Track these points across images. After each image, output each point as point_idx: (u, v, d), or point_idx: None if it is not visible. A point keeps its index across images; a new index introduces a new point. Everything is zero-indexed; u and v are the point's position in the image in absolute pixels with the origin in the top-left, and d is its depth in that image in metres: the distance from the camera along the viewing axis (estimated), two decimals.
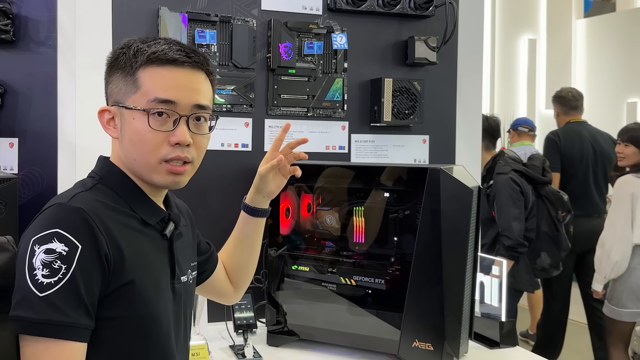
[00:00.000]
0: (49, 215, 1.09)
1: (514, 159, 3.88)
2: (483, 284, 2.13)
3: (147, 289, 1.15)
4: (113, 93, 1.20)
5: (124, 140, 1.19)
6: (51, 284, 1.03)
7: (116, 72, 1.19)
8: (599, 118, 8.06)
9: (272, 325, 2.10)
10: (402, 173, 2.00)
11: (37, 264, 1.04)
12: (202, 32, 2.24)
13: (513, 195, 3.60)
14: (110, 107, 1.21)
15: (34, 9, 2.15)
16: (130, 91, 1.17)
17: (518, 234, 3.55)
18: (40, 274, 1.03)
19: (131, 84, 1.17)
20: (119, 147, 1.21)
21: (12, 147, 2.15)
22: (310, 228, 2.20)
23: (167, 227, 1.24)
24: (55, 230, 1.05)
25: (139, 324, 1.14)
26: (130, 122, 1.17)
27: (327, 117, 2.44)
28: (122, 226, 1.15)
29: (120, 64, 1.18)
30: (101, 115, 1.21)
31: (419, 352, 1.85)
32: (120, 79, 1.18)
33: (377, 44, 2.49)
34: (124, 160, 1.21)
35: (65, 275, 1.04)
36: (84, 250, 1.06)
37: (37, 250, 1.05)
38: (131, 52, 1.17)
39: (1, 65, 2.13)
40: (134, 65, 1.16)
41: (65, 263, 1.04)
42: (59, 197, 1.15)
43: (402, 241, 2.03)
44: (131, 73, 1.17)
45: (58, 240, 1.05)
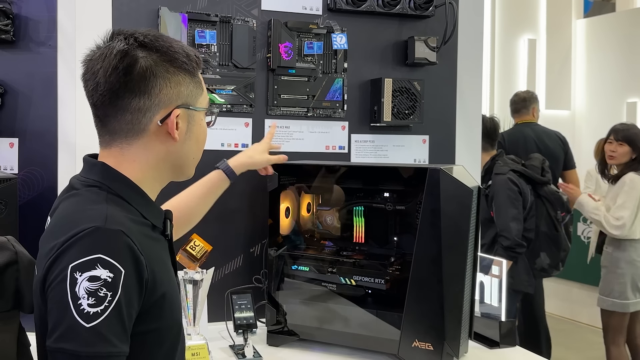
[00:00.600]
0: (87, 240, 1.03)
1: (513, 159, 3.88)
2: (483, 284, 2.13)
3: (173, 297, 1.15)
4: (182, 95, 1.19)
5: (189, 141, 1.23)
6: (98, 313, 0.99)
7: (181, 72, 1.19)
8: (599, 118, 8.07)
9: (272, 325, 2.10)
10: (402, 173, 2.00)
11: (81, 293, 0.99)
12: (202, 32, 2.24)
13: (511, 196, 3.60)
14: (179, 109, 1.19)
15: (34, 9, 2.15)
16: (198, 93, 1.23)
17: (516, 234, 3.55)
18: (86, 304, 0.99)
19: (197, 86, 1.22)
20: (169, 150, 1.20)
21: (12, 147, 2.15)
22: (310, 228, 2.20)
23: (167, 227, 1.24)
24: (97, 256, 1.01)
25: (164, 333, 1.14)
26: (199, 122, 1.24)
27: (327, 117, 2.44)
28: (146, 238, 1.13)
29: (186, 65, 1.19)
30: (172, 118, 1.18)
31: (419, 352, 1.85)
32: (189, 80, 1.20)
33: (377, 44, 2.49)
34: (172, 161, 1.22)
35: (112, 302, 1.00)
36: (127, 274, 1.03)
37: (79, 278, 1.00)
38: (182, 54, 1.18)
39: (1, 65, 2.13)
40: (195, 68, 1.21)
41: (111, 290, 1.01)
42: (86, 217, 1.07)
43: (402, 241, 2.03)
44: (195, 75, 1.22)
45: (102, 267, 1.01)
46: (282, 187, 2.14)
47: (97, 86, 1.15)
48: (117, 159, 1.19)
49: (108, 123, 1.19)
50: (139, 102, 1.15)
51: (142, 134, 1.18)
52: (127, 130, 1.18)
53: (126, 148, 1.19)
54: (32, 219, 2.10)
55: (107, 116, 1.18)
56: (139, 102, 1.15)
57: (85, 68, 1.19)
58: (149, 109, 1.16)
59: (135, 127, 1.17)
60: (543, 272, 3.79)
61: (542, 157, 3.91)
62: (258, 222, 2.31)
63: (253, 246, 2.34)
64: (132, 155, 1.19)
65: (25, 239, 1.83)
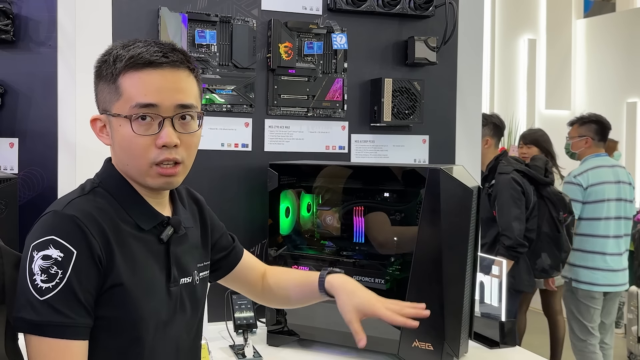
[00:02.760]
0: (45, 222, 1.14)
1: (516, 159, 3.88)
2: (483, 283, 2.13)
3: (136, 292, 1.17)
4: (101, 102, 1.22)
5: (115, 146, 1.21)
6: (49, 288, 1.08)
7: (100, 80, 1.21)
8: None
9: (272, 325, 2.10)
10: (402, 173, 2.00)
11: (35, 270, 1.09)
12: (202, 32, 2.24)
13: (514, 195, 3.60)
14: (100, 115, 1.23)
15: (34, 9, 2.15)
16: (114, 99, 1.18)
17: (518, 234, 3.55)
18: (39, 279, 1.09)
19: (114, 91, 1.18)
20: (113, 154, 1.25)
21: (12, 147, 2.15)
22: (310, 228, 2.20)
23: (164, 231, 1.24)
24: (51, 237, 1.11)
25: (126, 324, 1.17)
26: (117, 129, 1.18)
27: (327, 117, 2.44)
28: (117, 231, 1.17)
29: (103, 72, 1.20)
30: (94, 124, 1.23)
31: (419, 352, 1.85)
32: (104, 87, 1.20)
33: (377, 44, 2.49)
34: (119, 165, 1.23)
35: (62, 279, 1.09)
36: (79, 255, 1.10)
37: (36, 256, 1.10)
38: (111, 60, 1.18)
39: (1, 65, 2.13)
40: (114, 72, 1.17)
41: (61, 269, 1.09)
42: (56, 203, 1.19)
43: (402, 241, 2.03)
44: (113, 80, 1.17)
45: (54, 247, 1.10)
46: (282, 187, 2.13)
47: None
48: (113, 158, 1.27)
49: None
50: None
51: None
52: None
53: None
54: (32, 219, 2.09)
55: None
56: None
57: None
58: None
59: None
60: (544, 273, 3.79)
61: (545, 158, 3.91)
62: (258, 222, 2.31)
63: (253, 246, 2.34)
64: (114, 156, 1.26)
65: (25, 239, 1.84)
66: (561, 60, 8.16)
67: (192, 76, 1.21)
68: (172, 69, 1.17)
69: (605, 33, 8.07)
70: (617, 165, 3.98)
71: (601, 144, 3.92)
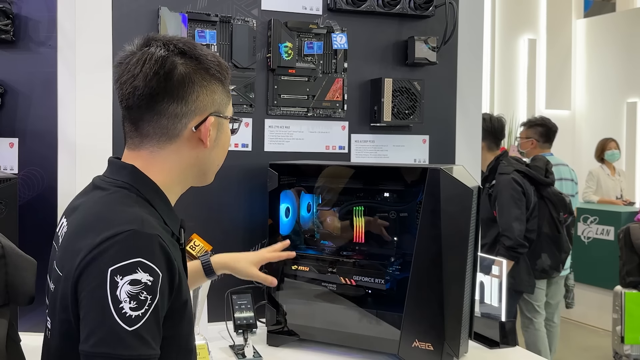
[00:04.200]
0: (126, 243, 1.03)
1: (517, 160, 3.88)
2: (483, 284, 2.13)
3: (190, 305, 1.17)
4: (216, 102, 1.22)
5: (217, 148, 1.25)
6: (139, 316, 1.00)
7: (213, 80, 1.22)
8: (599, 118, 8.08)
9: (272, 325, 2.10)
10: (402, 173, 2.00)
11: (122, 297, 0.99)
12: (202, 32, 2.24)
13: (514, 196, 3.60)
14: (211, 116, 1.21)
15: (34, 9, 2.15)
16: (227, 102, 1.26)
17: (518, 234, 3.55)
18: (128, 307, 0.99)
19: (226, 95, 1.26)
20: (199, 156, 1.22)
21: (12, 147, 2.15)
22: (310, 228, 2.20)
23: (182, 235, 1.24)
24: (138, 259, 1.02)
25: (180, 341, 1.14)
26: (226, 131, 1.27)
27: (327, 117, 2.44)
28: (171, 244, 1.12)
29: (216, 74, 1.22)
30: (206, 125, 1.20)
31: (419, 352, 1.85)
32: (219, 89, 1.23)
33: (377, 44, 2.49)
34: (200, 167, 1.24)
35: (151, 306, 1.01)
36: (163, 278, 1.04)
37: (120, 281, 1.00)
38: (220, 65, 1.22)
39: (1, 65, 2.13)
40: (226, 78, 1.24)
41: (151, 294, 1.02)
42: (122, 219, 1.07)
43: (402, 241, 2.03)
44: (225, 84, 1.24)
45: (142, 270, 1.01)
46: (282, 187, 2.14)
47: (135, 90, 1.16)
48: (147, 162, 1.20)
49: (141, 126, 1.19)
50: (176, 107, 1.17)
51: (175, 139, 1.19)
52: (160, 135, 1.19)
53: (157, 152, 1.20)
54: (32, 219, 2.10)
55: (142, 120, 1.18)
56: (176, 107, 1.17)
57: (120, 72, 1.19)
58: (185, 115, 1.18)
59: (169, 132, 1.18)
60: (544, 273, 3.79)
61: (546, 159, 3.91)
62: (258, 222, 2.31)
63: (253, 246, 2.34)
64: (162, 159, 1.20)
65: (25, 239, 1.84)
66: (561, 60, 8.17)
67: None
68: None
69: (605, 33, 8.08)
70: (561, 164, 4.35)
71: (546, 145, 4.31)
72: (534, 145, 4.28)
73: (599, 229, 5.61)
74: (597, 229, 5.63)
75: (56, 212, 2.12)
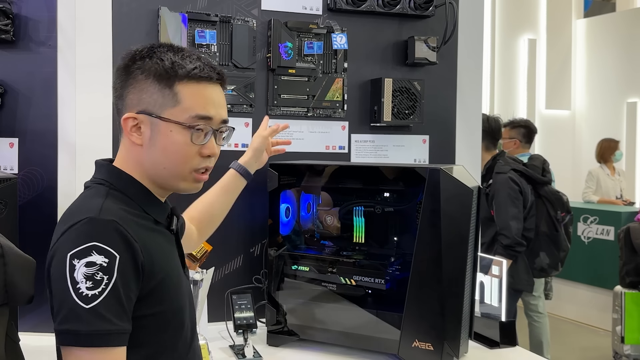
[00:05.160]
0: (82, 230, 1.12)
1: (514, 159, 3.88)
2: (483, 284, 2.13)
3: (174, 283, 1.23)
4: (144, 101, 1.22)
5: (155, 149, 1.23)
6: (96, 295, 1.07)
7: (148, 80, 1.21)
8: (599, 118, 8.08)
9: (272, 325, 2.10)
10: (402, 173, 2.00)
11: (79, 278, 1.08)
12: (202, 32, 2.24)
13: (512, 195, 3.61)
14: (138, 115, 1.22)
15: (34, 9, 2.14)
16: (167, 104, 1.21)
17: (516, 233, 3.55)
18: (84, 287, 1.07)
19: (169, 96, 1.21)
20: (141, 154, 1.24)
21: (12, 147, 2.15)
22: (310, 228, 2.20)
23: (172, 222, 1.31)
24: (92, 243, 1.09)
25: (169, 317, 1.21)
26: (166, 133, 1.21)
27: (327, 117, 2.44)
28: (144, 229, 1.20)
29: (157, 72, 1.21)
30: (126, 122, 1.23)
31: (419, 352, 1.85)
32: (155, 89, 1.21)
33: (377, 44, 2.49)
34: (147, 166, 1.24)
35: (108, 285, 1.08)
36: (122, 259, 1.11)
37: (77, 264, 1.08)
38: (167, 64, 1.21)
39: (1, 65, 2.13)
40: (172, 78, 1.21)
41: (107, 274, 1.08)
42: (84, 210, 1.16)
43: (402, 241, 2.03)
44: (169, 85, 1.21)
45: (97, 253, 1.09)
46: (282, 187, 2.14)
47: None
48: (121, 156, 1.28)
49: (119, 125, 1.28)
50: (118, 103, 1.27)
51: (122, 134, 1.27)
52: (120, 131, 1.28)
53: (121, 147, 1.29)
54: (32, 219, 2.10)
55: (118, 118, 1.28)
56: (118, 103, 1.27)
57: None
58: (122, 111, 1.25)
59: (120, 127, 1.27)
60: (542, 272, 3.80)
61: (542, 158, 3.92)
62: (258, 222, 2.31)
63: (253, 246, 2.34)
64: (123, 154, 1.28)
65: (25, 239, 1.84)
66: (561, 60, 8.16)
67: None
68: (219, 86, 1.28)
69: (605, 33, 8.08)
70: None
71: (527, 145, 4.40)
72: (517, 146, 4.34)
73: (599, 229, 5.61)
74: (597, 229, 5.63)
75: (56, 212, 2.12)
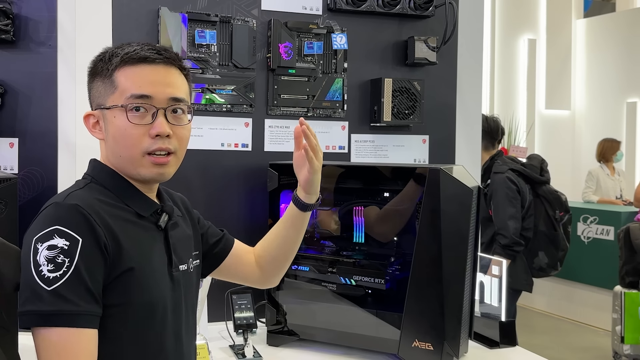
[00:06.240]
0: (47, 214, 1.15)
1: (512, 159, 3.88)
2: (483, 283, 2.13)
3: (146, 276, 1.20)
4: (95, 98, 1.27)
5: (109, 139, 1.25)
6: (57, 277, 1.08)
7: (95, 77, 1.27)
8: (599, 118, 8.08)
9: (272, 325, 2.10)
10: (402, 173, 2.00)
11: (41, 260, 1.09)
12: (202, 32, 2.24)
13: (509, 194, 3.61)
14: (93, 111, 1.27)
15: (34, 9, 2.15)
16: (108, 92, 1.24)
17: (514, 233, 3.55)
18: (46, 269, 1.08)
19: (109, 85, 1.24)
20: (106, 148, 1.27)
21: (12, 147, 2.15)
22: (310, 228, 2.20)
23: (160, 218, 1.29)
24: (54, 227, 1.11)
25: (136, 310, 1.19)
26: (112, 120, 1.23)
27: (327, 117, 2.44)
28: (117, 218, 1.20)
29: (98, 69, 1.26)
30: (86, 120, 1.28)
31: (419, 352, 1.85)
32: (99, 83, 1.26)
33: (377, 44, 2.49)
34: (112, 159, 1.26)
35: (70, 267, 1.09)
36: (85, 242, 1.11)
37: (40, 247, 1.10)
38: (107, 57, 1.25)
39: (1, 65, 2.13)
40: (109, 68, 1.24)
41: (68, 256, 1.09)
42: (55, 197, 1.20)
43: (402, 241, 2.03)
44: (108, 76, 1.24)
45: (59, 236, 1.10)
46: (282, 187, 2.14)
47: None
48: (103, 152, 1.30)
49: None
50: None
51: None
52: None
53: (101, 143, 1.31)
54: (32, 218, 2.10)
55: None
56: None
57: None
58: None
59: None
60: (541, 272, 3.80)
61: (541, 157, 3.92)
62: (258, 222, 2.31)
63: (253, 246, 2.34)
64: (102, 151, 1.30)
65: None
66: (561, 60, 8.16)
67: (182, 75, 1.29)
68: (164, 66, 1.25)
69: (605, 33, 8.07)
70: None
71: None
72: None
73: (598, 229, 5.61)
74: (597, 229, 5.63)
75: None
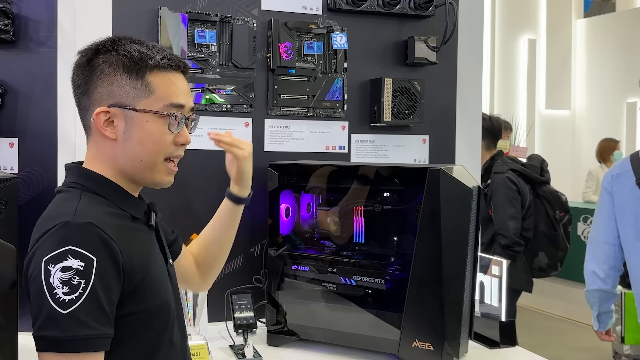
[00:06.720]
0: (58, 234, 1.09)
1: (512, 159, 3.89)
2: (483, 284, 2.13)
3: (156, 280, 1.21)
4: (115, 95, 1.20)
5: (129, 141, 1.21)
6: (73, 300, 1.05)
7: (117, 72, 1.20)
8: (599, 118, 8.08)
9: (272, 325, 2.10)
10: (402, 173, 2.00)
11: (55, 283, 1.05)
12: (202, 32, 2.24)
13: (509, 195, 3.61)
14: (110, 108, 1.20)
15: (34, 9, 2.14)
16: (141, 95, 1.20)
17: (514, 233, 3.55)
18: (61, 292, 1.05)
19: (142, 87, 1.20)
20: (114, 148, 1.22)
21: (12, 147, 2.14)
22: (310, 228, 2.20)
23: (150, 218, 1.29)
24: (67, 247, 1.07)
25: (153, 313, 1.19)
26: (142, 124, 1.20)
27: (327, 117, 2.44)
28: (122, 227, 1.18)
29: (124, 65, 1.19)
30: (98, 117, 1.20)
31: (419, 352, 1.85)
32: (126, 81, 1.19)
33: (377, 44, 2.49)
34: (122, 161, 1.22)
35: (86, 289, 1.06)
36: (100, 261, 1.08)
37: (52, 269, 1.06)
38: (135, 55, 1.19)
39: (1, 65, 2.13)
40: (143, 69, 1.20)
41: (84, 277, 1.06)
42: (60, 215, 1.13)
43: (402, 241, 2.03)
44: (140, 77, 1.20)
45: (73, 257, 1.06)
46: (282, 187, 2.14)
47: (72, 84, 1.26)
48: (90, 156, 1.26)
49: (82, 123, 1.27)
50: (83, 99, 1.23)
51: (90, 131, 1.25)
52: (86, 129, 1.26)
53: (89, 147, 1.26)
54: (32, 219, 2.07)
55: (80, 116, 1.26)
56: (83, 99, 1.23)
57: None
58: (89, 107, 1.22)
59: (86, 125, 1.25)
60: (541, 272, 3.80)
61: (541, 157, 3.92)
62: (258, 222, 2.31)
63: (253, 246, 2.34)
64: (93, 153, 1.25)
65: (25, 239, 1.83)
66: (561, 60, 8.17)
67: None
68: (185, 75, 1.28)
69: (606, 33, 8.08)
70: None
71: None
72: None
73: None
74: None
75: None
